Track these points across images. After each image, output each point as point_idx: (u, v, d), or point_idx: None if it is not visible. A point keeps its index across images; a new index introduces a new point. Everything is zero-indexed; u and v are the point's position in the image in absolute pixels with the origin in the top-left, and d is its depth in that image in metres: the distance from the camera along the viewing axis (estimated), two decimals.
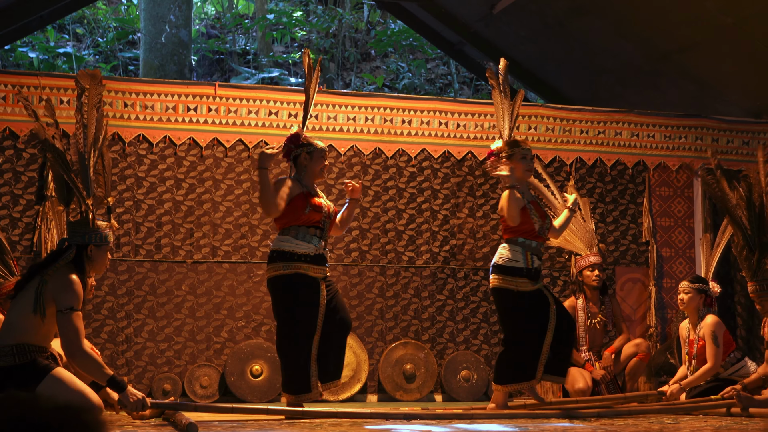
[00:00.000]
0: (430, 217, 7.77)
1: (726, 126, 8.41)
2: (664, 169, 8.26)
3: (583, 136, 8.06)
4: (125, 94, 7.15)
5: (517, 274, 5.75)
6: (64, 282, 4.55)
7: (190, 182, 7.29)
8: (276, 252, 5.49)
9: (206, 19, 15.33)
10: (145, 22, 12.23)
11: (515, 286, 5.74)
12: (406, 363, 7.45)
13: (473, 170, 7.87)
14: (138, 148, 7.21)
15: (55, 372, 4.47)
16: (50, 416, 1.69)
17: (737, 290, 8.13)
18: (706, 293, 6.44)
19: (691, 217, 8.25)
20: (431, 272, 7.72)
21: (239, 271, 7.32)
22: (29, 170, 6.95)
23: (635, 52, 8.68)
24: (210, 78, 13.48)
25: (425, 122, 7.75)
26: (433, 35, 10.61)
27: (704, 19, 7.65)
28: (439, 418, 5.23)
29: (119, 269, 7.07)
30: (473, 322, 7.73)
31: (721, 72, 8.36)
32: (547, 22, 8.97)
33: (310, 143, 5.67)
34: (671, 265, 8.14)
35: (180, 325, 7.17)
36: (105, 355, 6.84)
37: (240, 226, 7.35)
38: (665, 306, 8.02)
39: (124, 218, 7.09)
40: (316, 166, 5.65)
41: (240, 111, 7.37)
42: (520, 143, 5.92)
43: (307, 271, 5.47)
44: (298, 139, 5.66)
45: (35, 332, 4.53)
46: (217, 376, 7.12)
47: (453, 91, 14.02)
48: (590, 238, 7.40)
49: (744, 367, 6.30)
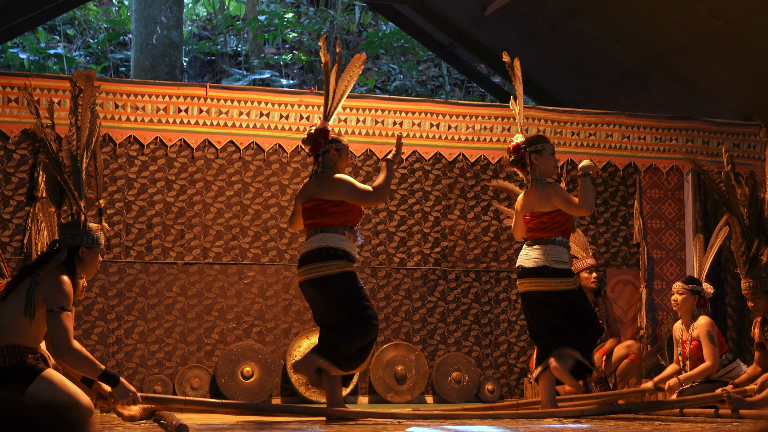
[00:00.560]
0: (422, 219, 7.77)
1: (716, 128, 8.44)
2: (654, 171, 8.28)
3: (574, 138, 8.07)
4: (116, 95, 7.14)
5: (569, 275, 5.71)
6: (55, 283, 4.54)
7: (181, 183, 7.29)
8: (342, 251, 5.30)
9: (197, 21, 15.32)
10: (136, 23, 12.21)
11: (574, 285, 5.69)
12: (397, 365, 7.44)
13: (465, 172, 7.87)
14: (129, 149, 7.20)
15: (46, 373, 4.46)
16: (33, 414, 1.69)
17: (728, 292, 8.15)
18: (699, 294, 6.45)
19: (682, 219, 8.27)
20: (422, 274, 7.72)
21: (230, 273, 7.31)
22: (20, 171, 6.94)
23: (626, 54, 8.69)
24: (201, 79, 13.46)
25: (417, 124, 7.75)
26: (425, 37, 10.61)
27: (695, 22, 7.67)
28: (430, 418, 5.24)
29: (110, 271, 7.06)
30: (464, 324, 7.74)
31: (711, 74, 8.38)
32: (538, 25, 8.97)
33: (338, 139, 5.57)
34: (662, 266, 8.16)
35: (171, 326, 7.16)
36: (95, 356, 6.81)
37: (231, 227, 7.34)
38: (656, 308, 8.04)
39: (114, 219, 7.07)
40: (344, 162, 5.57)
41: (231, 112, 7.36)
42: (547, 139, 5.90)
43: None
44: (327, 134, 5.52)
45: (26, 334, 4.52)
46: (208, 377, 7.11)
47: (444, 93, 14.03)
48: (585, 240, 7.40)
49: (736, 369, 6.32)
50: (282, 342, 7.35)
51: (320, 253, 5.29)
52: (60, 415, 1.71)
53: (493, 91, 11.35)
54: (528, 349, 7.75)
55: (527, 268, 5.67)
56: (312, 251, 5.32)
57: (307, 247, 5.38)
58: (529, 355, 7.69)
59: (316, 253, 5.30)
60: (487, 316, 7.79)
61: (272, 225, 7.40)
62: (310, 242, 5.36)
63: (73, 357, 4.50)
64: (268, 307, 7.35)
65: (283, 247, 7.41)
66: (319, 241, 5.32)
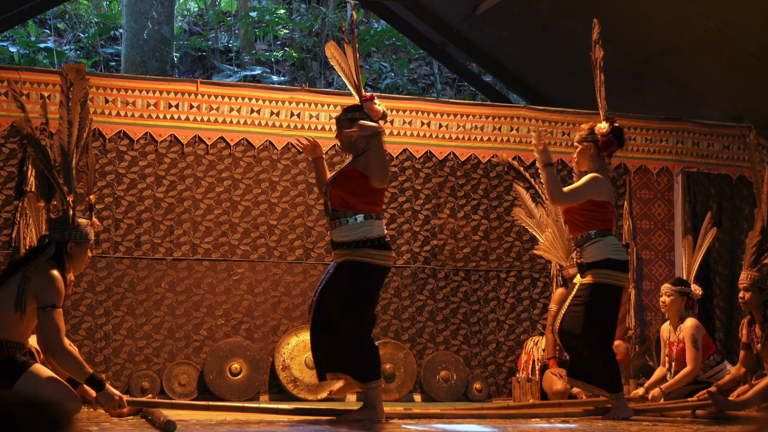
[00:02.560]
0: (411, 217, 7.76)
1: (707, 130, 8.46)
2: (644, 172, 8.30)
3: (564, 138, 8.07)
4: (106, 89, 7.11)
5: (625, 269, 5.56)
6: (46, 278, 4.53)
7: (170, 179, 7.27)
8: (381, 239, 4.99)
9: (189, 16, 15.28)
10: (127, 18, 12.18)
11: (621, 281, 5.53)
12: (386, 363, 7.44)
13: (455, 170, 7.87)
14: (118, 144, 7.18)
15: (33, 368, 4.45)
16: (17, 410, 1.68)
17: (716, 293, 8.18)
18: (687, 296, 6.47)
19: (671, 220, 8.28)
20: (412, 272, 7.72)
21: (219, 269, 7.29)
22: (8, 165, 6.90)
23: (617, 55, 8.70)
24: (192, 75, 13.43)
25: (407, 122, 7.75)
26: (416, 35, 10.60)
27: (686, 23, 7.68)
28: (418, 417, 5.24)
29: (98, 266, 7.04)
30: (453, 323, 7.74)
31: (702, 76, 8.40)
32: (530, 24, 8.98)
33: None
34: (651, 267, 8.17)
35: (159, 322, 7.14)
36: (83, 352, 6.80)
37: (220, 223, 7.33)
38: (644, 308, 8.06)
39: (103, 215, 7.05)
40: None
41: (222, 108, 7.35)
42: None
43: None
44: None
45: (15, 329, 4.51)
46: (196, 374, 7.09)
47: (435, 92, 14.03)
48: (570, 247, 7.18)
49: (723, 371, 6.34)
50: (270, 339, 7.33)
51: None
52: (44, 411, 1.71)
53: (485, 90, 11.35)
54: (516, 349, 7.76)
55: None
56: None
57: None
58: (517, 354, 7.70)
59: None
60: (476, 315, 7.79)
61: (262, 222, 7.39)
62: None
63: (62, 356, 4.49)
64: (256, 304, 7.34)
65: (273, 244, 7.40)
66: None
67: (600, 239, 5.44)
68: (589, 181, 5.44)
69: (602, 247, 5.42)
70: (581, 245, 5.50)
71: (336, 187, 4.98)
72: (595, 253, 5.43)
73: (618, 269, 5.43)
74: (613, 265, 5.41)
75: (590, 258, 5.44)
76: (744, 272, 6.08)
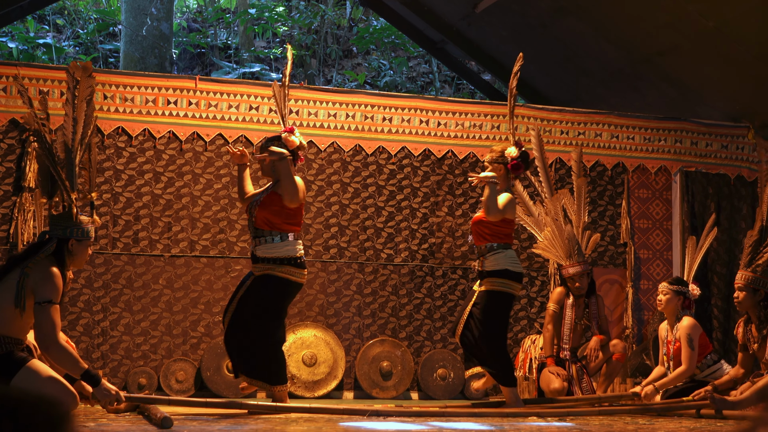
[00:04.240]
0: (409, 215, 7.77)
1: (705, 129, 8.46)
2: (643, 171, 8.30)
3: (563, 136, 8.08)
4: (105, 86, 7.11)
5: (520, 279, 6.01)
6: (45, 274, 4.53)
7: (168, 176, 7.26)
8: (300, 258, 5.63)
9: (188, 13, 15.26)
10: (126, 14, 12.16)
11: (516, 290, 5.98)
12: (383, 360, 7.44)
13: (453, 169, 7.87)
14: (117, 140, 7.17)
15: (31, 364, 4.45)
16: (20, 408, 1.68)
17: (714, 293, 8.18)
18: (684, 295, 6.47)
19: (669, 220, 8.29)
20: (409, 270, 7.72)
21: (217, 266, 7.29)
22: (7, 161, 6.90)
23: (616, 54, 8.70)
24: (191, 72, 13.42)
25: (406, 120, 7.75)
26: (416, 33, 10.60)
27: (686, 23, 7.68)
28: (415, 415, 5.24)
29: (96, 262, 7.03)
30: (450, 321, 7.73)
31: (701, 75, 8.40)
32: (529, 23, 8.97)
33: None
34: (648, 266, 8.17)
35: (156, 319, 7.14)
36: (80, 348, 6.80)
37: (218, 220, 7.32)
38: (642, 307, 8.06)
39: (102, 211, 7.04)
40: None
41: (220, 105, 7.34)
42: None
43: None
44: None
45: (13, 324, 4.51)
46: (193, 370, 7.09)
47: (434, 90, 14.02)
48: (569, 247, 7.15)
49: (720, 370, 6.34)
50: None
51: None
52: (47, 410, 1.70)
53: (483, 88, 11.35)
54: (514, 347, 7.75)
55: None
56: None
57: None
58: (515, 353, 7.70)
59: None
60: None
61: None
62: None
63: (57, 352, 4.48)
64: None
65: None
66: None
67: (502, 251, 5.92)
68: (510, 201, 5.94)
69: (503, 258, 5.89)
70: (484, 255, 5.94)
71: (262, 209, 5.52)
72: (496, 263, 5.88)
73: (514, 279, 5.90)
74: (511, 276, 5.88)
75: (491, 267, 5.89)
76: (740, 272, 6.08)
